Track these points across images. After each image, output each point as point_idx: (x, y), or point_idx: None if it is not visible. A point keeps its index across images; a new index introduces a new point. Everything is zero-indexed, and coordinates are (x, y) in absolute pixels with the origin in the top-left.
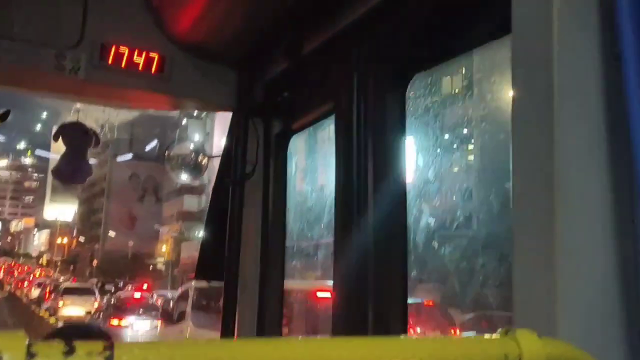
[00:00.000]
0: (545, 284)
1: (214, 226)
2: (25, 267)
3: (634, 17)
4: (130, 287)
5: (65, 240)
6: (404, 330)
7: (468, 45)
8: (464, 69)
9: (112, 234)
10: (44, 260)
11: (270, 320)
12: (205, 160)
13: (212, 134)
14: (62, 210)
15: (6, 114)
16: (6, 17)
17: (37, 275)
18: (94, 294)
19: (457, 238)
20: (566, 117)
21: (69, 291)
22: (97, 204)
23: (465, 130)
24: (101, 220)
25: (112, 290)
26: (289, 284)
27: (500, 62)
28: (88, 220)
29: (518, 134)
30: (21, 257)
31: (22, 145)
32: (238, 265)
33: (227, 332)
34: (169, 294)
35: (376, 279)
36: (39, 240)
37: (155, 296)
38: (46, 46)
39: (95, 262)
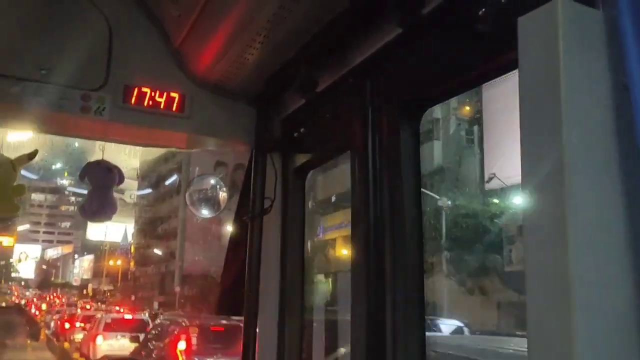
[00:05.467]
0: (561, 324)
1: (234, 261)
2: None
3: None
4: None
5: (119, 262)
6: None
7: (478, 80)
8: None
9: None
10: (89, 290)
11: (290, 354)
12: (225, 195)
13: None
14: (109, 229)
15: (34, 154)
16: (34, 62)
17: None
18: None
19: None
20: (576, 150)
21: None
22: (164, 210)
23: None
24: (173, 232)
25: None
26: None
27: None
28: (153, 233)
29: (527, 167)
30: (59, 288)
31: (57, 165)
32: (257, 300)
33: None
34: None
35: (394, 312)
36: (81, 267)
37: None
38: (72, 89)
39: (178, 289)
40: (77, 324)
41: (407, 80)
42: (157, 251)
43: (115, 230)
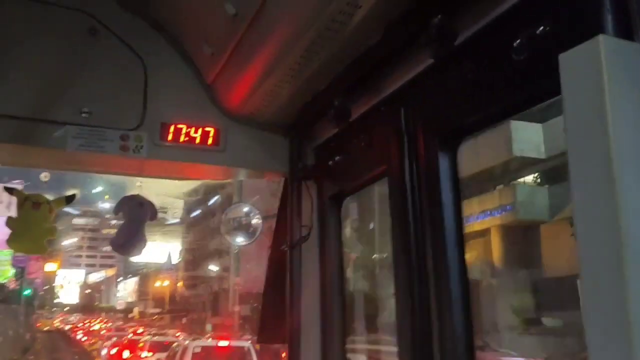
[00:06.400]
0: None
1: (274, 289)
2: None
3: None
4: None
5: (166, 283)
6: None
7: (516, 108)
8: None
9: None
10: (135, 313)
11: None
12: (259, 222)
13: None
14: (153, 250)
15: (72, 198)
16: (75, 105)
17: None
18: None
19: None
20: (628, 184)
21: None
22: (215, 224)
23: None
24: (225, 247)
25: None
26: None
27: None
28: (203, 250)
29: (579, 204)
30: (104, 312)
31: (98, 189)
32: (300, 328)
33: None
34: None
35: (441, 343)
36: (125, 290)
37: None
38: (111, 129)
39: (238, 309)
40: (144, 354)
41: (442, 109)
42: (213, 267)
43: (159, 252)
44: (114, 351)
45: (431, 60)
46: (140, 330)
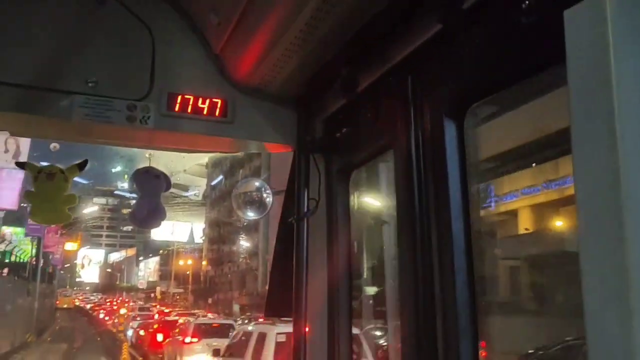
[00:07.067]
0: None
1: (281, 262)
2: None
3: None
4: None
5: (190, 262)
6: None
7: (522, 74)
8: None
9: None
10: (157, 293)
11: (341, 355)
12: (270, 197)
13: None
14: (175, 228)
15: (84, 164)
16: (81, 75)
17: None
18: None
19: None
20: (631, 145)
21: None
22: None
23: None
24: (254, 222)
25: None
26: None
27: None
28: (229, 227)
29: (580, 163)
30: (125, 292)
31: (117, 168)
32: (306, 301)
33: None
34: None
35: (444, 315)
36: (146, 269)
37: None
38: (118, 99)
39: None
40: (187, 339)
41: (449, 77)
42: (244, 242)
43: (181, 230)
44: (142, 333)
45: (439, 27)
46: (166, 310)
